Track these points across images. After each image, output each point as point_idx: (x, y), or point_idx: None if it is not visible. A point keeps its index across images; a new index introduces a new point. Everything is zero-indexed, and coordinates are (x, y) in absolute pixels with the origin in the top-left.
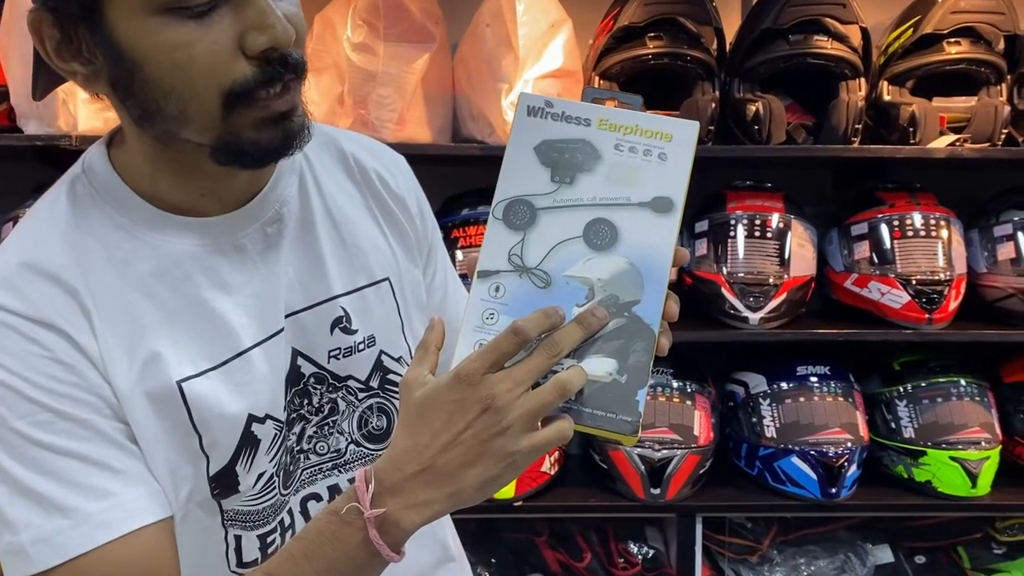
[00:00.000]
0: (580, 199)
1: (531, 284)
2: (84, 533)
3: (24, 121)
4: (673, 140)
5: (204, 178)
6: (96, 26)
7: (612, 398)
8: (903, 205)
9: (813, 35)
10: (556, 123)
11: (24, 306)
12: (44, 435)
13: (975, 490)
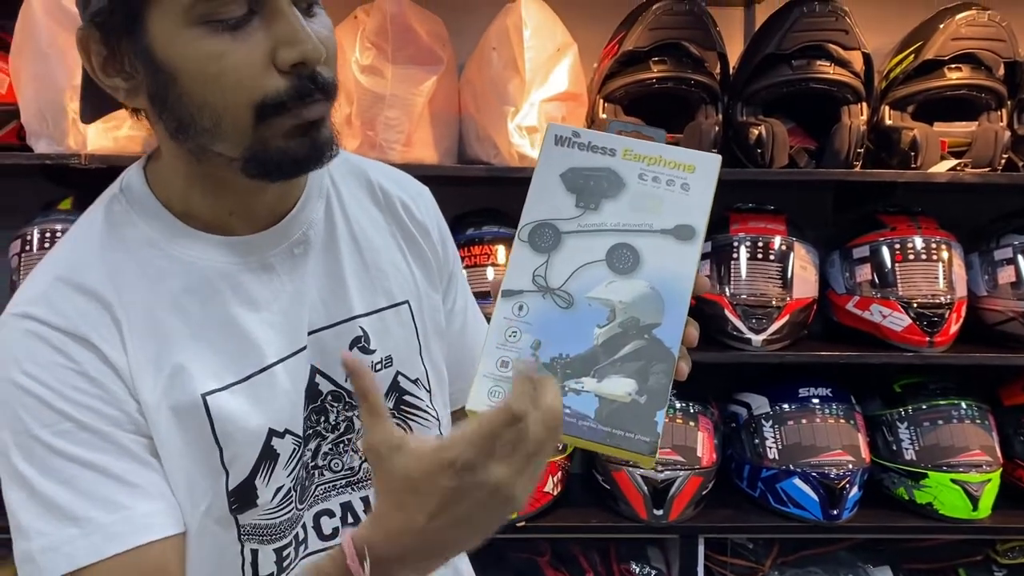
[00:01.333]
0: (604, 224)
1: (554, 304)
2: (93, 544)
3: (34, 140)
4: (696, 171)
5: (234, 195)
6: (138, 39)
7: (630, 418)
8: (904, 228)
9: (816, 60)
10: (582, 152)
11: (57, 319)
12: (65, 445)
13: (976, 513)
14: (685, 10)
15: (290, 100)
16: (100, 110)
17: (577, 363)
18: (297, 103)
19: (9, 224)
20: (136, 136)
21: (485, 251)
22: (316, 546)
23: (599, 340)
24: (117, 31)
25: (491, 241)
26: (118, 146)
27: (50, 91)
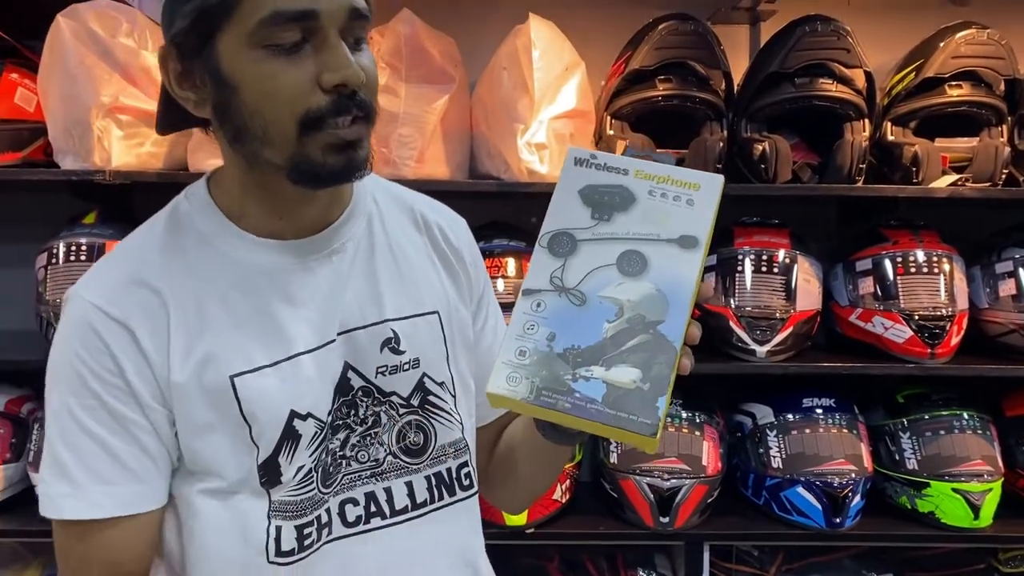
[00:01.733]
0: (615, 233)
1: (568, 302)
2: (77, 505)
3: (60, 156)
4: (700, 189)
5: (283, 203)
6: (208, 58)
7: (634, 402)
8: (906, 242)
9: (818, 78)
10: (598, 172)
11: (109, 307)
12: (85, 417)
13: (977, 522)
14: (690, 30)
15: (329, 115)
16: (175, 126)
17: (587, 353)
18: (336, 119)
19: (36, 237)
20: (158, 152)
21: (496, 263)
22: (340, 532)
23: (608, 334)
24: (192, 50)
25: (501, 254)
26: (140, 162)
27: (77, 110)
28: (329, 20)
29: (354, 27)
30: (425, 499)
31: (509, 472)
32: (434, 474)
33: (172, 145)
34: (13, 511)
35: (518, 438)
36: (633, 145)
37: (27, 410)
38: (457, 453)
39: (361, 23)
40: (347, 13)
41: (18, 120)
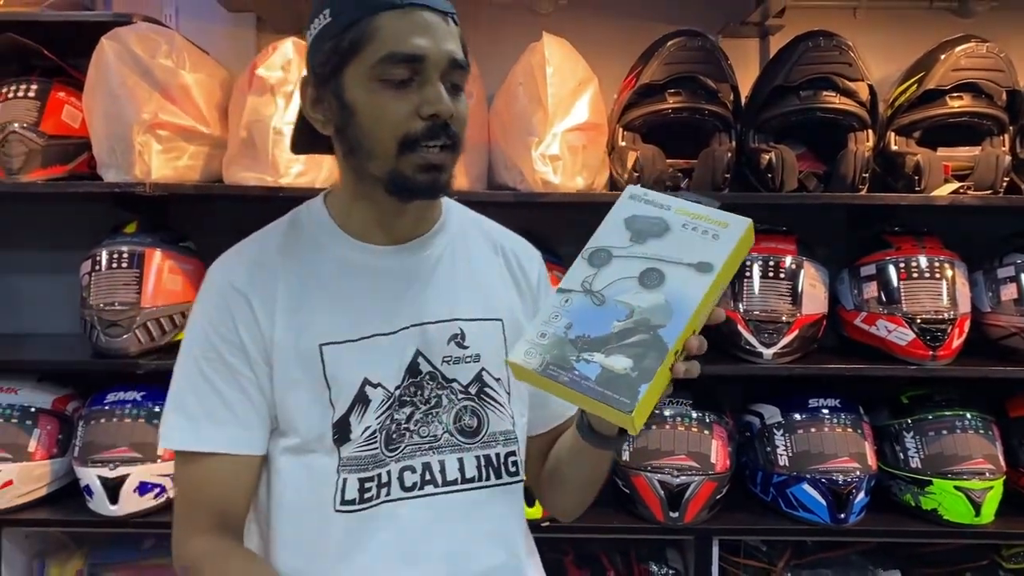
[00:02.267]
0: (645, 253)
1: (591, 301)
2: (188, 437)
3: (104, 170)
4: (728, 228)
5: (381, 213)
6: (336, 86)
7: (621, 385)
8: (909, 248)
9: (822, 91)
10: (646, 206)
11: (232, 277)
12: (204, 365)
13: (979, 518)
14: (698, 46)
15: (423, 139)
16: (306, 147)
17: (594, 342)
18: (428, 143)
19: (80, 245)
20: (194, 166)
21: None
22: (397, 495)
23: (615, 329)
24: (325, 79)
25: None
26: (178, 175)
27: (119, 127)
28: (432, 64)
29: (453, 74)
30: (474, 476)
31: (559, 479)
32: (483, 456)
33: (208, 159)
34: (60, 503)
35: (565, 446)
36: (688, 191)
37: (72, 408)
38: (507, 442)
39: (460, 72)
40: (448, 61)
41: (65, 136)
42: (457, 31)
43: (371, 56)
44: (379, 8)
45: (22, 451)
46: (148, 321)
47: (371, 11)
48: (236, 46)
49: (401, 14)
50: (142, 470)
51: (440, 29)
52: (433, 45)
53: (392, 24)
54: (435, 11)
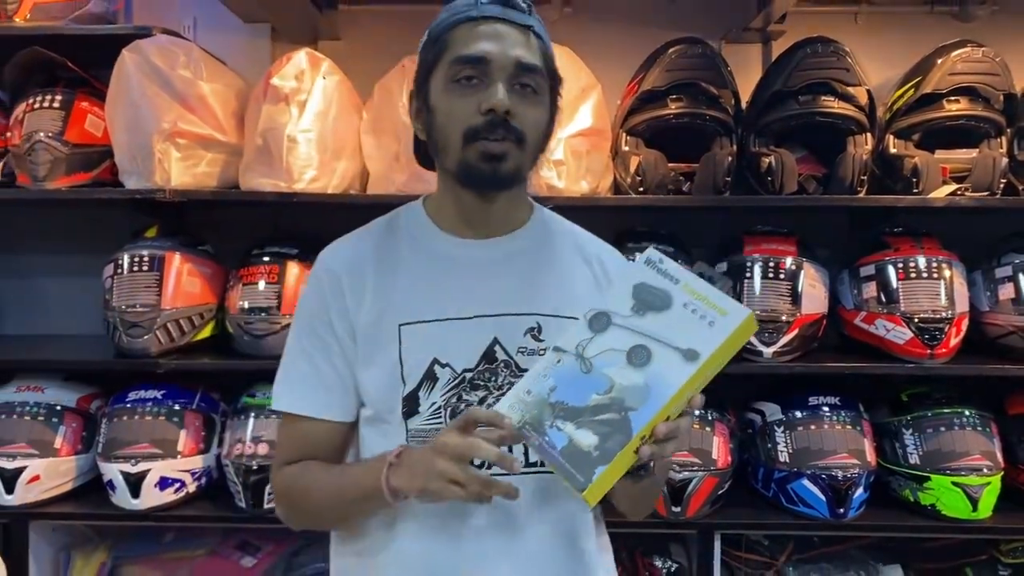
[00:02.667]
0: (641, 328)
1: (579, 367)
2: (284, 400)
3: (125, 177)
4: (726, 316)
5: (466, 209)
6: (425, 94)
7: (581, 461)
8: (907, 249)
9: (821, 95)
10: (657, 275)
11: (329, 262)
12: (304, 338)
13: (976, 513)
14: (698, 53)
15: (482, 132)
16: (430, 162)
17: (569, 411)
18: (487, 134)
19: (103, 249)
20: (212, 172)
21: None
22: None
23: (591, 403)
24: (419, 90)
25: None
26: (196, 181)
27: (140, 135)
28: (497, 67)
29: (521, 76)
30: (536, 461)
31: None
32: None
33: (224, 166)
34: (85, 497)
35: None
36: (704, 264)
37: (96, 406)
38: None
39: (529, 75)
40: (513, 65)
41: (88, 144)
42: (536, 43)
43: (446, 60)
44: (458, 22)
45: (49, 447)
46: (168, 322)
47: (452, 26)
48: (252, 55)
49: (474, 25)
50: (162, 465)
51: (510, 38)
52: (499, 50)
53: (465, 33)
54: (509, 23)
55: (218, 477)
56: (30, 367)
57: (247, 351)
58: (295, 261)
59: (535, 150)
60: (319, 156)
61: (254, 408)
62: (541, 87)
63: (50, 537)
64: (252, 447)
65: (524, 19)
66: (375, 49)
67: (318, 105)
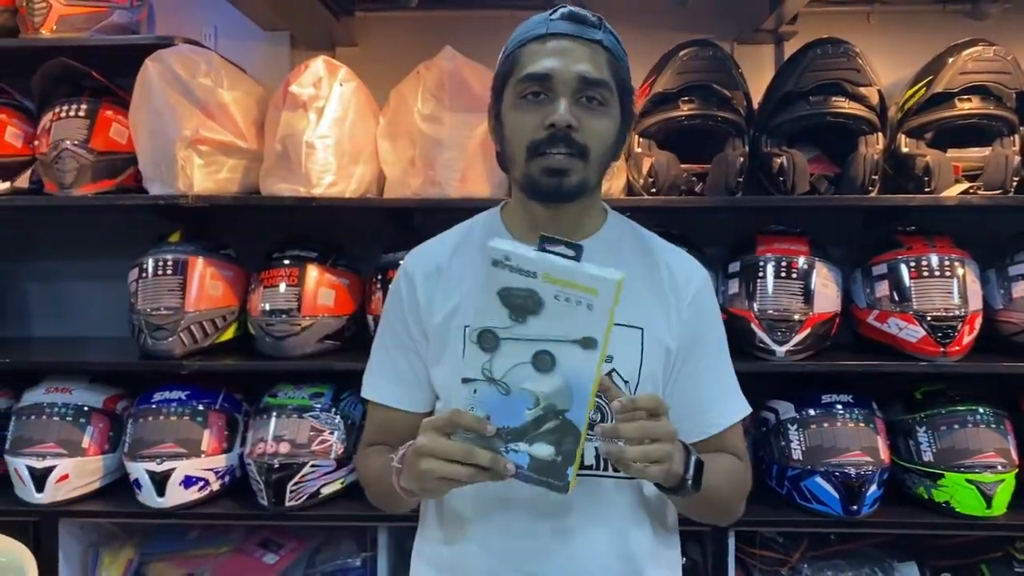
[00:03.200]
0: (529, 334)
1: (496, 391)
2: (368, 389)
3: (149, 183)
4: (599, 295)
5: (535, 218)
6: (499, 107)
7: (551, 471)
8: (920, 248)
9: (831, 96)
10: (512, 274)
11: (409, 266)
12: (386, 332)
13: (990, 510)
14: (709, 55)
15: (544, 146)
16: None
17: (515, 433)
18: (549, 149)
19: (128, 253)
20: (233, 178)
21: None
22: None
23: (528, 418)
24: (495, 104)
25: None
26: (218, 187)
27: (163, 143)
28: (560, 82)
29: (586, 89)
30: (591, 464)
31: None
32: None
33: (245, 171)
34: (111, 496)
35: None
36: (547, 235)
37: (122, 407)
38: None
39: (594, 88)
40: (577, 80)
41: (113, 152)
42: (605, 56)
43: (515, 76)
44: (526, 40)
45: (77, 447)
46: (192, 324)
47: (521, 43)
48: (271, 62)
49: (541, 42)
50: (187, 465)
51: (575, 52)
52: (562, 66)
53: (532, 50)
54: (576, 38)
55: (241, 476)
56: (58, 369)
57: (269, 352)
58: (314, 264)
59: (602, 161)
60: (337, 161)
61: (276, 408)
62: (608, 99)
63: (78, 534)
64: (274, 446)
65: (592, 34)
66: (391, 55)
67: (335, 111)
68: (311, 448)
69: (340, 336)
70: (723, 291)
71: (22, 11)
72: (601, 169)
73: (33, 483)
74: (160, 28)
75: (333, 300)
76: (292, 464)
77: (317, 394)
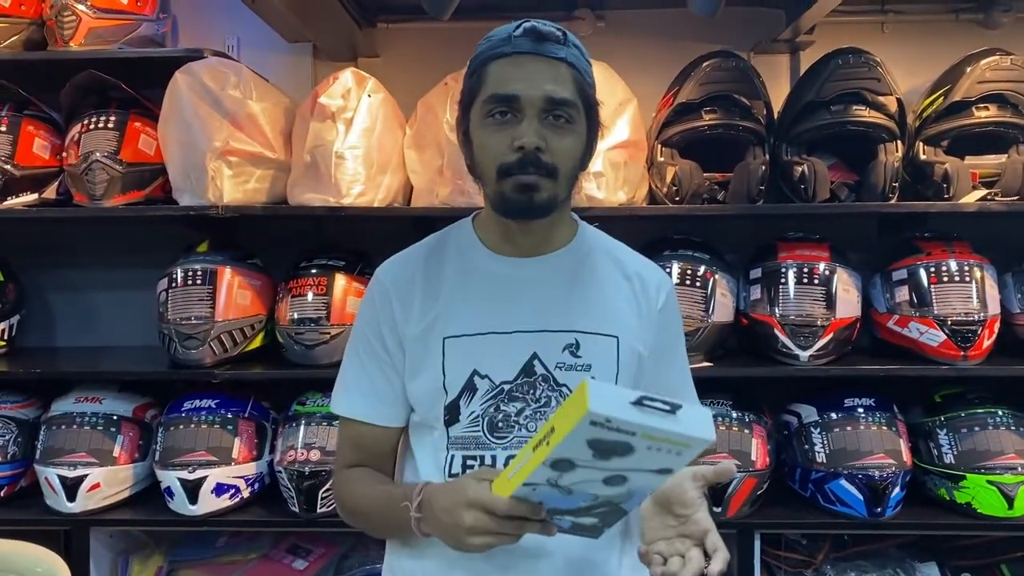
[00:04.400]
0: (609, 466)
1: (558, 492)
2: (339, 404)
3: (178, 194)
4: (690, 448)
5: (507, 230)
6: (466, 125)
7: (588, 530)
8: (939, 253)
9: (852, 105)
10: (610, 432)
11: (384, 278)
12: (359, 347)
13: (1012, 511)
14: (731, 66)
15: (514, 168)
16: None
17: (565, 512)
18: (519, 170)
19: (157, 263)
20: (261, 188)
21: None
22: None
23: (583, 505)
24: (463, 119)
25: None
26: (246, 197)
27: (193, 154)
28: (527, 102)
29: (552, 109)
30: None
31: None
32: None
33: (273, 181)
34: (142, 504)
35: None
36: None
37: (151, 415)
38: None
39: (561, 108)
40: (543, 100)
41: (142, 163)
42: (569, 74)
43: (482, 96)
44: (493, 58)
45: (108, 456)
46: (221, 334)
47: (486, 61)
48: (294, 73)
49: (507, 61)
50: (218, 472)
51: (542, 73)
52: (528, 86)
53: (498, 70)
54: (542, 56)
55: (270, 483)
56: (91, 378)
57: (298, 360)
58: (342, 273)
59: (569, 178)
60: (365, 171)
61: (305, 415)
62: (574, 117)
63: (108, 542)
64: (304, 453)
65: (556, 51)
66: (412, 65)
67: (364, 122)
68: None
69: None
70: (745, 297)
71: (50, 24)
72: (570, 184)
73: (65, 492)
74: (183, 39)
75: None
76: (322, 471)
77: None
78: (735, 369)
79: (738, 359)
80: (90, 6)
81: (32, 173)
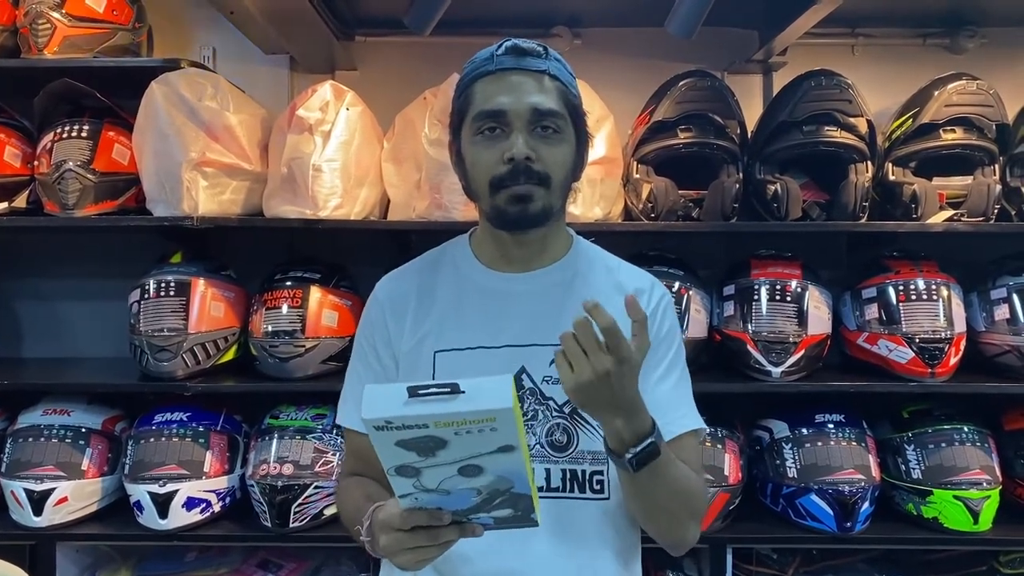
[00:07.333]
0: (446, 460)
1: (437, 496)
2: (343, 415)
3: (153, 204)
4: (496, 420)
5: (502, 245)
6: (458, 144)
7: (517, 520)
8: (907, 272)
9: (824, 125)
10: (401, 431)
11: (379, 291)
12: (356, 360)
13: (977, 526)
14: (707, 86)
15: (507, 180)
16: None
17: (469, 511)
18: (511, 181)
19: (128, 274)
20: (236, 200)
21: None
22: None
23: (479, 500)
24: (455, 142)
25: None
26: (222, 208)
27: (169, 164)
28: (514, 116)
29: (540, 120)
30: (559, 486)
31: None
32: (570, 470)
33: (248, 193)
34: (111, 518)
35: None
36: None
37: (120, 428)
38: (594, 461)
39: (548, 118)
40: (529, 112)
41: (115, 173)
42: (553, 85)
43: (471, 114)
44: (477, 77)
45: (76, 469)
46: (194, 346)
47: (473, 80)
48: (271, 85)
49: (492, 79)
50: (189, 486)
51: (526, 86)
52: (514, 100)
53: (483, 88)
54: (525, 70)
55: (241, 497)
56: (60, 390)
57: (271, 373)
58: (318, 285)
59: (563, 185)
60: (343, 184)
61: (278, 429)
62: (562, 126)
63: (74, 557)
64: (277, 467)
65: (538, 65)
66: (390, 79)
67: (342, 135)
68: (314, 469)
69: (342, 357)
70: (718, 313)
71: (24, 31)
72: (564, 193)
73: (31, 506)
74: (158, 49)
75: (336, 321)
76: (295, 486)
77: (319, 415)
78: (708, 384)
79: (711, 374)
80: (65, 14)
81: (2, 182)
